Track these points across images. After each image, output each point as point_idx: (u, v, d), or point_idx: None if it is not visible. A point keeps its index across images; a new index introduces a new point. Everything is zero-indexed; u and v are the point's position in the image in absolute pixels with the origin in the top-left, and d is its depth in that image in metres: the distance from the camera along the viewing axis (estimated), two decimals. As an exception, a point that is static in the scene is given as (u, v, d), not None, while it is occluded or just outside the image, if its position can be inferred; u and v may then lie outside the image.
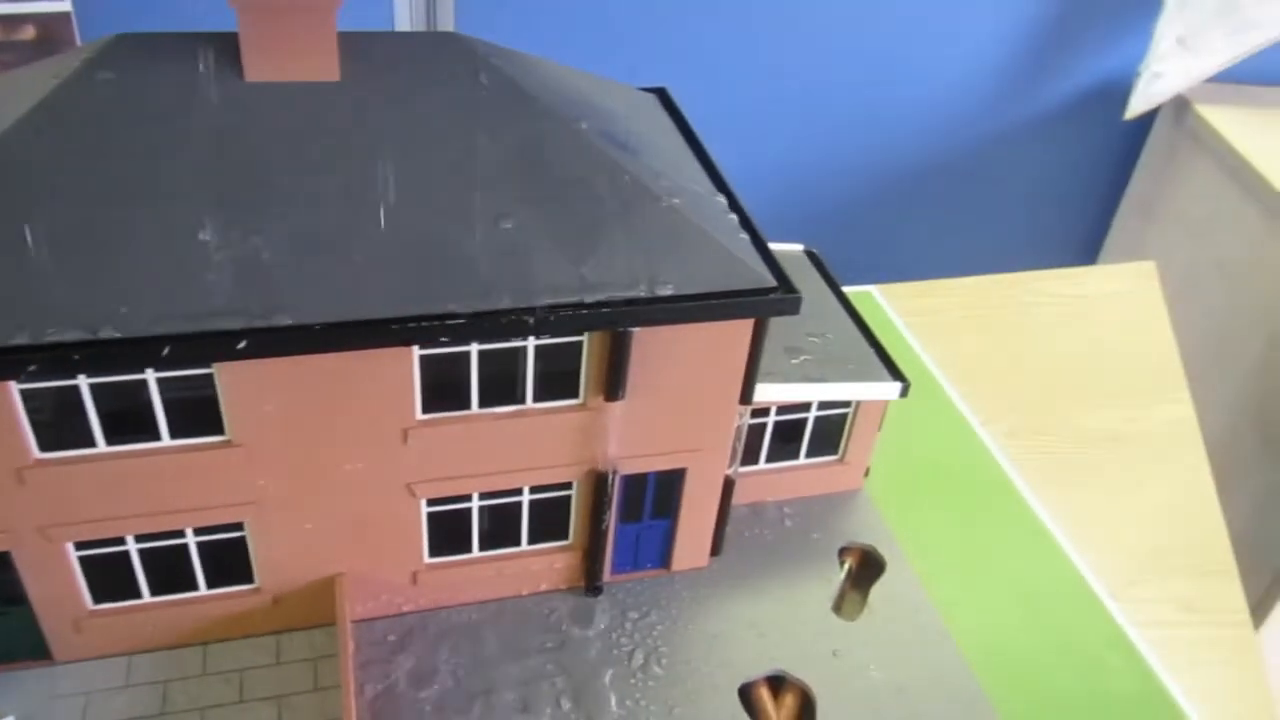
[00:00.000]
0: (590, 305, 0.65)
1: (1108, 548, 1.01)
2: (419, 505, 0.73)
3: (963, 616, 0.83)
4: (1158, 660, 0.81)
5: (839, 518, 0.90)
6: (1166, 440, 1.18)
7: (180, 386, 0.63)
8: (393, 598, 0.77)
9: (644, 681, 0.75)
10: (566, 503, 0.77)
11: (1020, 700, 0.77)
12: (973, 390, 1.10)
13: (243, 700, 0.72)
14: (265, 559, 0.72)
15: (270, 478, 0.68)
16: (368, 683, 0.74)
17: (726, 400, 0.75)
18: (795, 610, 0.82)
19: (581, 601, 0.81)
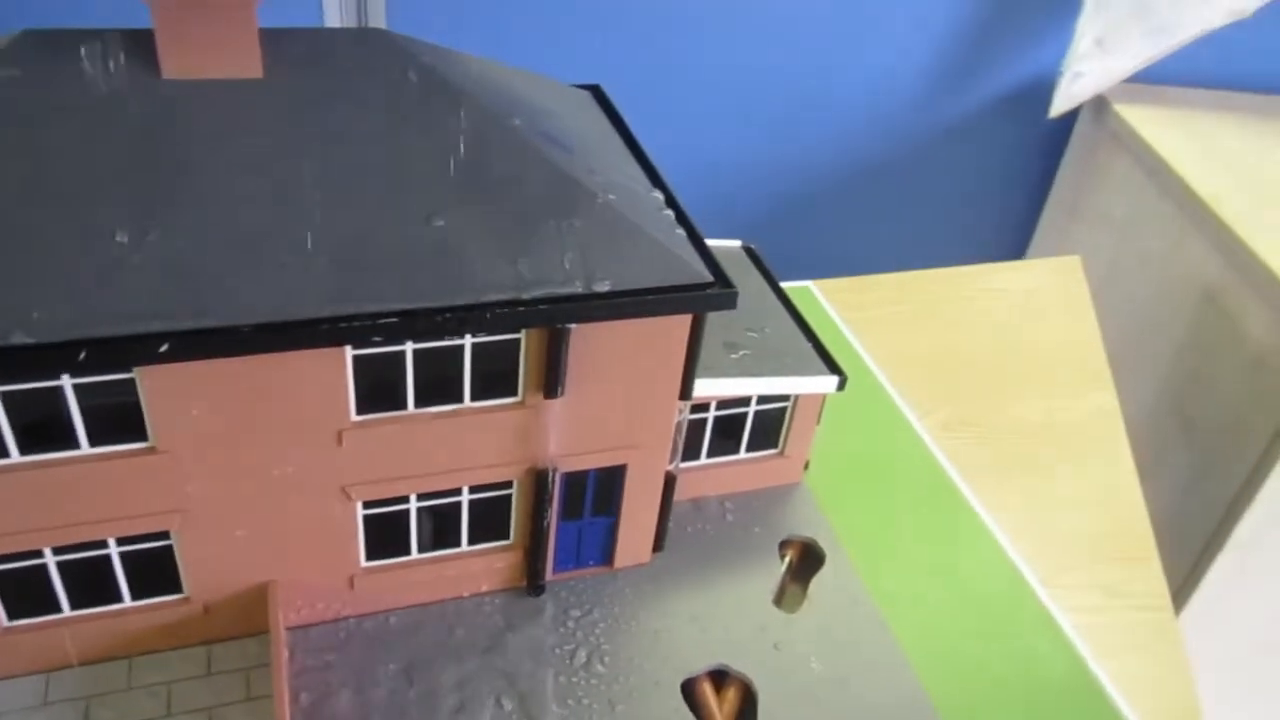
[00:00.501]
0: (526, 302, 0.64)
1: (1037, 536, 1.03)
2: (355, 508, 0.72)
3: (900, 607, 0.84)
4: (1085, 646, 0.83)
5: (779, 511, 0.91)
6: (1092, 429, 1.21)
7: (100, 392, 0.61)
8: (329, 603, 0.76)
9: (587, 679, 0.75)
10: (507, 502, 0.76)
11: (956, 689, 0.78)
12: (908, 383, 1.12)
13: (170, 714, 0.70)
14: (194, 568, 0.70)
15: (197, 484, 0.66)
16: (303, 691, 0.72)
17: (666, 396, 0.75)
18: (737, 604, 0.82)
19: (523, 601, 0.80)
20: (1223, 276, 1.66)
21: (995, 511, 0.95)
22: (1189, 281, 1.75)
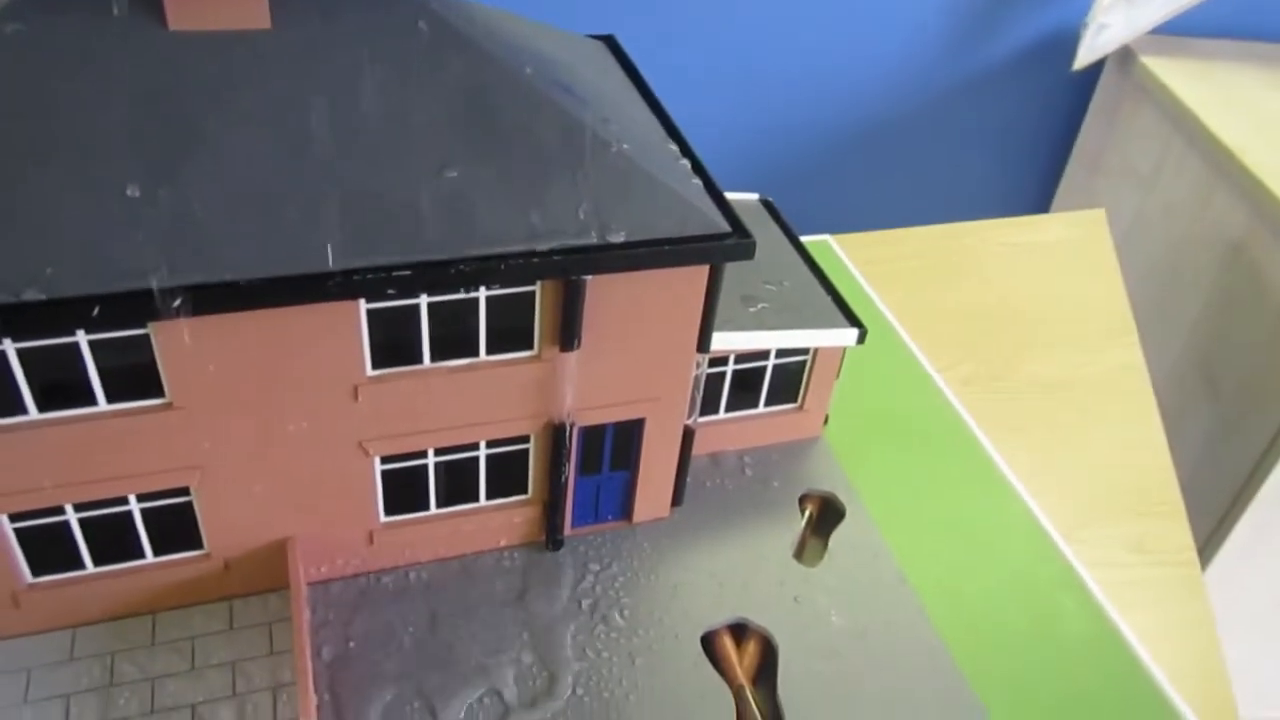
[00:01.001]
0: (541, 254, 0.63)
1: (1059, 491, 1.02)
2: (372, 464, 0.71)
3: (920, 561, 0.83)
4: (1108, 600, 0.82)
5: (799, 465, 0.90)
6: (1116, 385, 1.19)
7: (115, 349, 0.61)
8: (348, 559, 0.76)
9: (606, 633, 0.75)
10: (524, 456, 0.76)
11: (975, 643, 0.78)
12: (929, 338, 1.10)
13: (194, 668, 0.70)
14: (214, 524, 0.70)
15: (215, 440, 0.66)
16: (325, 645, 0.72)
17: (683, 349, 0.74)
18: (756, 558, 0.82)
19: (542, 556, 0.80)
20: (1249, 228, 1.63)
21: (1017, 467, 0.94)
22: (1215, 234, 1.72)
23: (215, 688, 0.69)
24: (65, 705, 0.67)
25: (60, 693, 0.68)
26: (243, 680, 0.70)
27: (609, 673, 0.72)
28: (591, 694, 0.71)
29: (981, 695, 0.74)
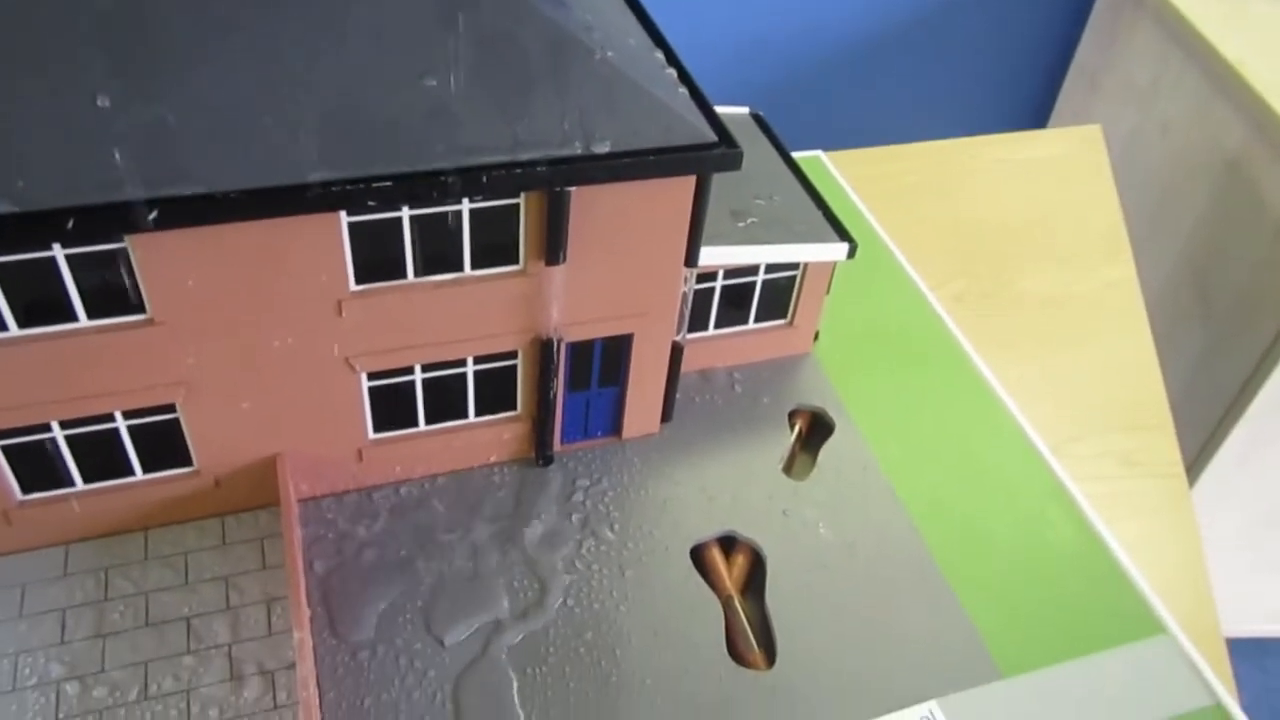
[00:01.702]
0: (524, 164, 0.62)
1: (1050, 406, 1.02)
2: (359, 380, 0.71)
3: (908, 475, 0.84)
4: (1095, 512, 0.83)
5: (788, 381, 0.90)
6: (1108, 301, 1.19)
7: (94, 264, 0.60)
8: (339, 475, 0.76)
9: (596, 546, 0.76)
10: (512, 373, 0.76)
11: (963, 553, 0.79)
12: (920, 255, 1.09)
13: (187, 583, 0.71)
14: (202, 440, 0.70)
15: (199, 356, 0.65)
16: (317, 560, 0.73)
17: (671, 263, 0.73)
18: (745, 473, 0.82)
19: (532, 471, 0.80)
20: (1247, 144, 1.61)
21: (1007, 382, 0.94)
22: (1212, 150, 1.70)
23: (209, 601, 0.70)
24: (60, 619, 0.68)
25: (55, 607, 0.69)
26: (236, 594, 0.71)
27: (599, 585, 0.73)
28: (582, 605, 0.72)
29: (967, 605, 0.75)
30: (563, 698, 0.67)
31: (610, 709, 0.66)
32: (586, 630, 0.70)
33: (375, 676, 0.67)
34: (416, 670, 0.68)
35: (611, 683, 0.68)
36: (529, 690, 0.67)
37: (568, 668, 0.68)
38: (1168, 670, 0.72)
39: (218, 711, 0.65)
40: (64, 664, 0.66)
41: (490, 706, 0.66)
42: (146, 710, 0.65)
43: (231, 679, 0.66)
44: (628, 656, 0.69)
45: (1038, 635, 0.73)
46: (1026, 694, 0.70)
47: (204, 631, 0.68)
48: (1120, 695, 0.70)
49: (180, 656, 0.67)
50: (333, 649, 0.68)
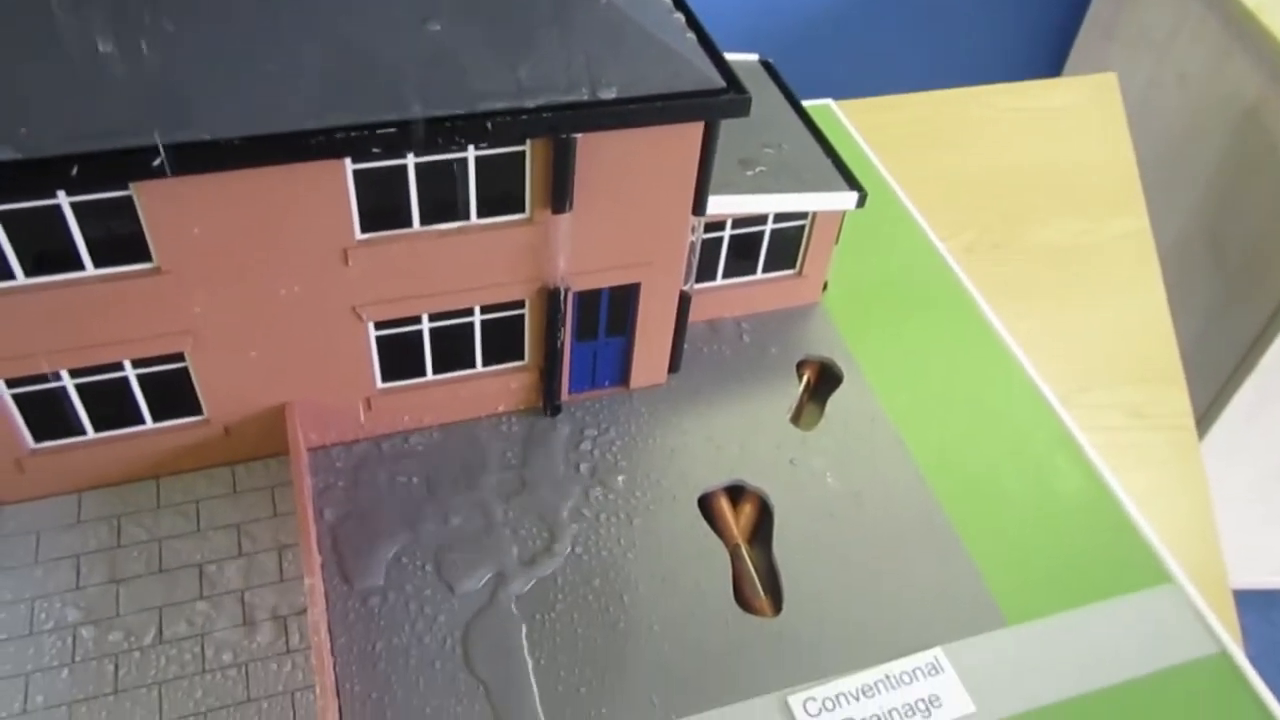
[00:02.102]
0: (529, 111, 0.61)
1: (1060, 357, 1.02)
2: (366, 329, 0.71)
3: (917, 425, 0.84)
4: (1103, 463, 0.82)
5: (797, 332, 0.90)
6: (1120, 252, 1.18)
7: (100, 213, 0.60)
8: (348, 424, 0.77)
9: (604, 495, 0.76)
10: (520, 322, 0.76)
11: (970, 502, 0.79)
12: (931, 205, 1.08)
13: (200, 530, 0.72)
14: (211, 389, 0.71)
15: (206, 305, 0.65)
16: (326, 508, 0.74)
17: (678, 211, 0.73)
18: (753, 423, 0.82)
19: (540, 421, 0.80)
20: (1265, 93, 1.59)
21: (1017, 333, 0.94)
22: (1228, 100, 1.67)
23: (221, 548, 0.71)
24: (75, 564, 0.69)
25: (69, 553, 0.70)
26: (248, 541, 0.71)
27: (607, 533, 0.74)
28: (590, 553, 0.72)
29: (974, 553, 0.75)
30: (571, 643, 0.67)
31: (618, 654, 0.67)
32: (594, 577, 0.71)
33: (386, 622, 0.68)
34: (426, 616, 0.68)
35: (619, 629, 0.68)
36: (537, 635, 0.67)
37: (576, 614, 0.69)
38: (1174, 619, 0.72)
39: (231, 655, 0.66)
40: (80, 609, 0.67)
41: (499, 651, 0.67)
42: (161, 654, 0.66)
43: (244, 624, 0.67)
44: (635, 603, 0.70)
45: (1044, 584, 0.74)
46: (1032, 641, 0.70)
47: (216, 577, 0.69)
48: (1126, 643, 0.71)
49: (193, 602, 0.68)
50: (344, 595, 0.69)
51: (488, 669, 0.66)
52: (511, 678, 0.65)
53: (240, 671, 0.65)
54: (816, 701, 0.66)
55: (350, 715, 0.64)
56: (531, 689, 0.65)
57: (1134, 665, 0.69)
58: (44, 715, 0.62)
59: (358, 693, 0.64)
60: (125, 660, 0.65)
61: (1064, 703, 0.67)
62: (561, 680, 0.66)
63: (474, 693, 0.65)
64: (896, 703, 0.66)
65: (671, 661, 0.67)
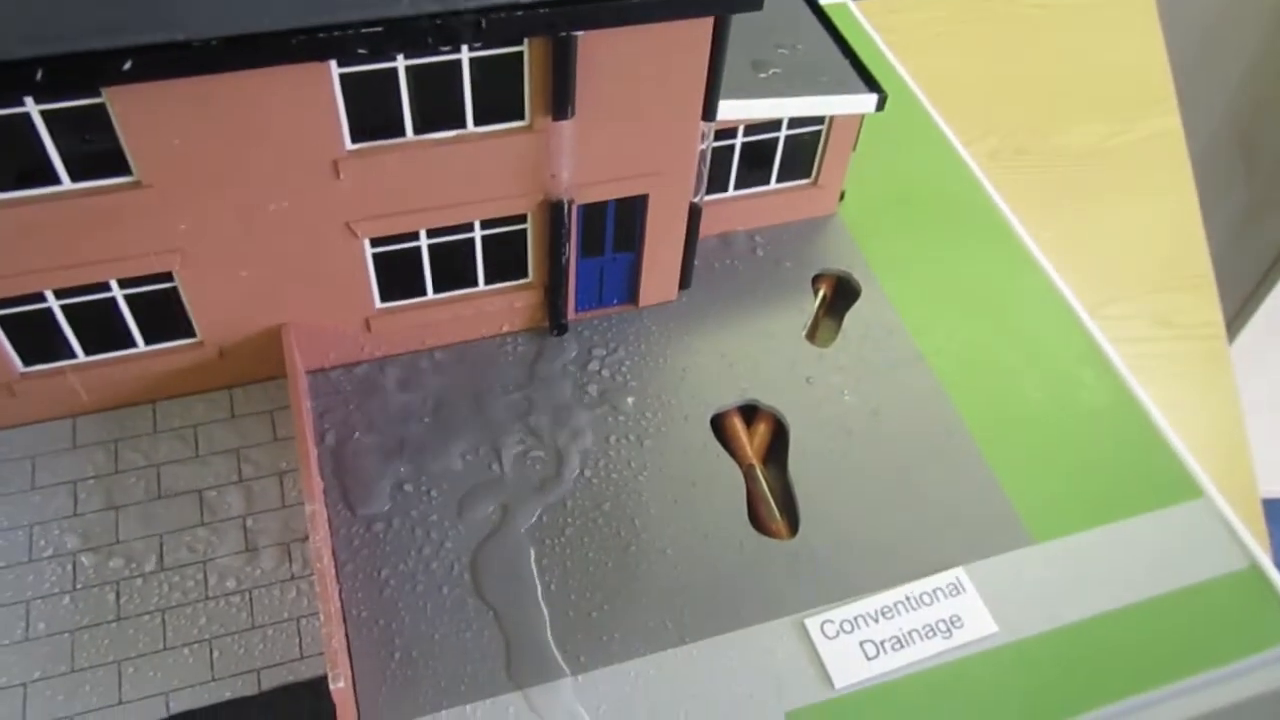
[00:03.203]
0: (526, 6, 0.57)
1: (1088, 266, 0.98)
2: (362, 246, 0.68)
3: (938, 339, 0.81)
4: (1130, 374, 0.79)
5: (812, 244, 0.86)
6: (1151, 155, 1.13)
7: (73, 122, 0.56)
8: (347, 346, 0.74)
9: (614, 416, 0.74)
10: (522, 238, 0.72)
11: (993, 417, 0.76)
12: (954, 108, 1.03)
13: (199, 455, 0.70)
14: (202, 310, 0.68)
15: (191, 221, 0.62)
16: (328, 431, 0.71)
17: (687, 117, 0.69)
18: (767, 340, 0.79)
19: (547, 341, 0.78)
20: (1308, -14, 1.51)
21: (1043, 242, 0.90)
22: (1269, -6, 1.59)
23: (220, 474, 0.69)
24: (72, 491, 0.67)
25: (66, 479, 0.68)
26: (248, 466, 0.70)
27: (617, 455, 0.71)
28: (599, 476, 0.70)
29: (997, 469, 0.73)
30: (581, 567, 0.66)
31: (629, 577, 0.65)
32: (605, 501, 0.69)
33: (392, 548, 0.66)
34: (433, 541, 0.67)
35: (630, 552, 0.67)
36: (547, 561, 0.66)
37: (586, 538, 0.67)
38: (1203, 533, 0.70)
39: (234, 582, 0.64)
40: (79, 535, 0.65)
41: (508, 577, 0.65)
42: (164, 581, 0.64)
43: (246, 550, 0.66)
44: (647, 526, 0.68)
45: (1070, 500, 0.71)
46: (1057, 559, 0.68)
47: (217, 504, 0.68)
48: (1155, 559, 0.68)
49: (194, 528, 0.67)
50: (348, 521, 0.67)
51: (497, 594, 0.64)
52: (521, 603, 0.64)
53: (244, 598, 0.64)
54: (834, 624, 0.64)
55: (357, 642, 0.62)
56: (542, 614, 0.64)
57: (1162, 582, 0.68)
58: (47, 642, 0.61)
59: (364, 619, 0.63)
60: (127, 587, 0.64)
61: (1089, 621, 0.66)
62: (572, 605, 0.64)
63: (483, 618, 0.63)
64: (917, 624, 0.65)
65: (685, 585, 0.65)
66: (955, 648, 0.64)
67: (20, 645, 0.61)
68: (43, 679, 0.60)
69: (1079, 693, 0.63)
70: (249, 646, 0.62)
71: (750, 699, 0.61)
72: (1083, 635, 0.65)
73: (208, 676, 0.61)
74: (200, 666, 0.61)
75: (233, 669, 0.61)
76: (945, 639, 0.64)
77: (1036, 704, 0.62)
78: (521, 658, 0.62)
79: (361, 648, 0.62)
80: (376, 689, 0.61)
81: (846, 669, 0.63)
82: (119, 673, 0.60)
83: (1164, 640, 0.65)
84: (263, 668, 0.61)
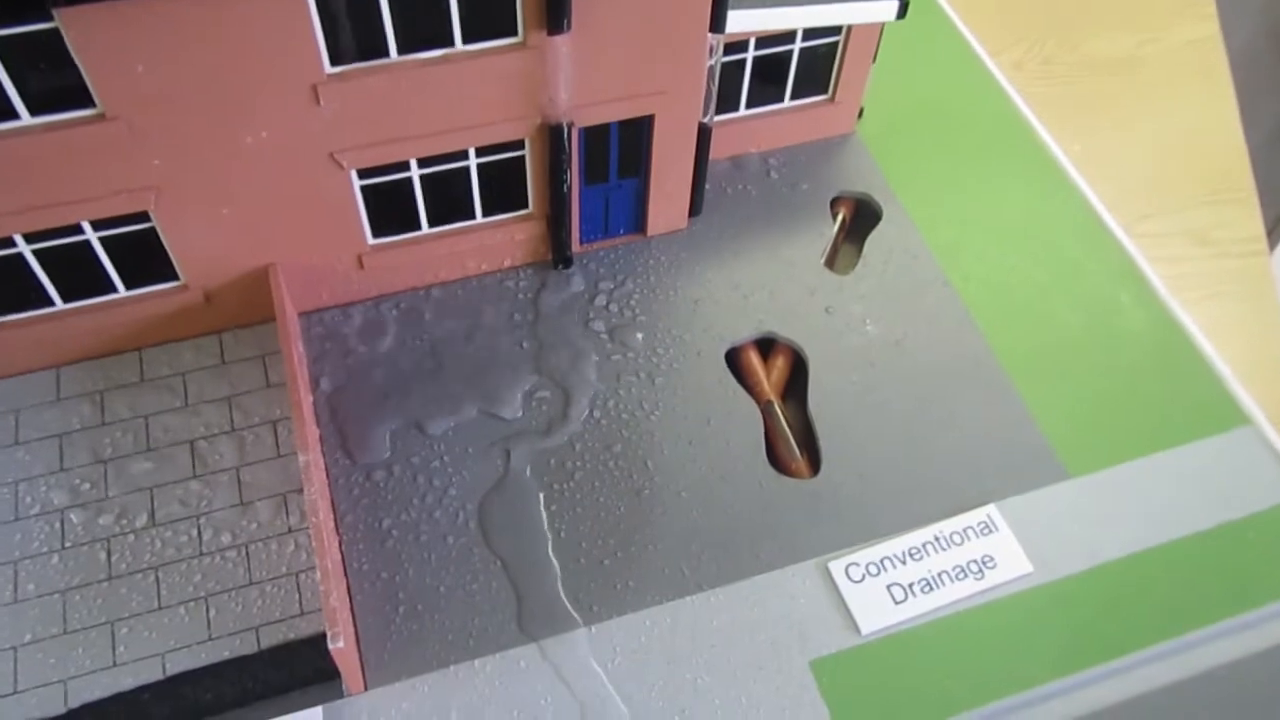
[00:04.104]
0: (515, -94, 0.52)
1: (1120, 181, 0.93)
2: (349, 178, 0.64)
3: (965, 262, 0.76)
4: (1170, 295, 0.75)
5: (830, 166, 0.81)
6: (1186, 62, 1.06)
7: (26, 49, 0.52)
8: (340, 286, 0.70)
9: (623, 353, 0.70)
10: (520, 165, 0.68)
11: (1025, 345, 0.72)
12: (977, 17, 0.97)
13: (188, 404, 0.67)
14: (184, 252, 0.64)
15: (164, 156, 0.58)
16: (323, 376, 0.68)
17: (694, 29, 0.63)
18: (784, 269, 0.75)
19: (550, 275, 0.74)
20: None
21: (1074, 156, 0.84)
22: (1310, -113, 1.49)
23: (212, 423, 0.66)
24: (59, 445, 0.65)
25: (52, 433, 0.65)
26: (240, 415, 0.66)
27: (627, 394, 0.68)
28: (609, 417, 0.67)
29: (1030, 400, 0.69)
30: (592, 513, 0.63)
31: (643, 522, 0.62)
32: (615, 443, 0.65)
33: (393, 497, 0.63)
34: (436, 489, 0.64)
35: (644, 495, 0.63)
36: (556, 507, 0.63)
37: (596, 482, 0.64)
38: (1251, 462, 0.66)
39: (230, 536, 0.62)
40: (66, 491, 0.63)
41: (516, 524, 0.62)
42: (156, 537, 0.62)
43: (241, 503, 0.63)
44: (661, 468, 0.64)
45: (1108, 431, 0.68)
46: (1095, 495, 0.65)
47: (209, 455, 0.65)
48: (1200, 491, 0.65)
49: (186, 481, 0.64)
50: (346, 470, 0.64)
51: (504, 543, 0.61)
52: (529, 552, 0.61)
53: (240, 553, 0.61)
54: (859, 567, 0.61)
55: (360, 595, 0.60)
56: (552, 563, 0.61)
57: (1208, 515, 0.64)
58: (37, 604, 0.59)
59: (367, 572, 0.60)
60: (118, 544, 0.61)
61: (1130, 558, 0.62)
62: (584, 553, 0.61)
63: (490, 568, 0.60)
64: (947, 565, 0.62)
65: (701, 529, 0.62)
66: (988, 589, 0.61)
67: (9, 607, 0.59)
68: (34, 642, 0.58)
69: (1120, 634, 0.60)
70: (247, 603, 0.59)
71: (772, 647, 0.58)
72: (1123, 573, 0.62)
73: (205, 636, 0.58)
74: (197, 625, 0.59)
75: (230, 627, 0.59)
76: (977, 580, 0.61)
77: (1075, 647, 0.59)
78: (531, 609, 0.59)
79: (364, 602, 0.59)
80: (381, 645, 0.58)
81: (873, 614, 0.60)
82: (112, 634, 0.58)
83: (1210, 577, 0.62)
84: (261, 625, 0.59)
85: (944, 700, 0.58)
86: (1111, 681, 0.58)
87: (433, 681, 0.57)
